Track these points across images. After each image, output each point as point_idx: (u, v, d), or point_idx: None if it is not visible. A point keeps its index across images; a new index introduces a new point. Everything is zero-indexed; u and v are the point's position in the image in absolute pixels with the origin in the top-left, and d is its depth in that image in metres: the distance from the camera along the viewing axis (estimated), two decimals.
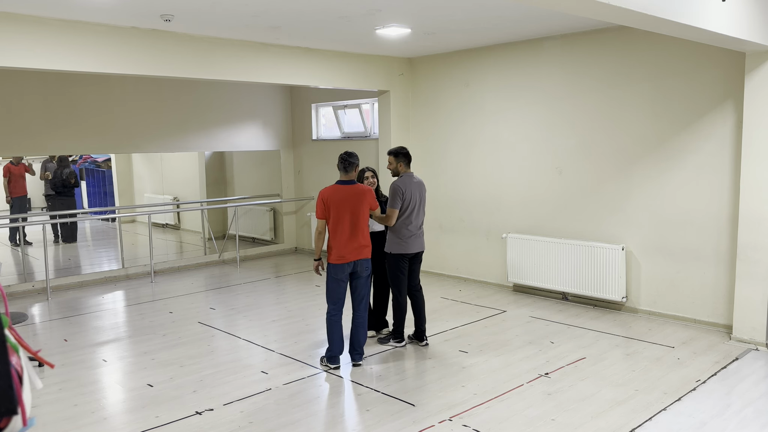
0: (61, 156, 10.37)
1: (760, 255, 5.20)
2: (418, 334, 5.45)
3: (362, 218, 4.85)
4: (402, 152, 5.27)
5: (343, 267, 4.81)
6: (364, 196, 4.86)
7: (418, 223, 5.26)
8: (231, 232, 9.91)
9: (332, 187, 4.85)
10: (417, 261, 5.41)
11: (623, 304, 6.38)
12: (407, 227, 5.20)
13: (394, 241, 5.25)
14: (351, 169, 4.86)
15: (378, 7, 5.20)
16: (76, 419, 4.10)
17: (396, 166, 5.28)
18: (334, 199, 4.78)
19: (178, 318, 6.45)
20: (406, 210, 5.19)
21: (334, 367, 4.90)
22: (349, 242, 4.79)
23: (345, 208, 4.78)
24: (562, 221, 6.82)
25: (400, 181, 5.20)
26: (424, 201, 5.32)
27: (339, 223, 4.78)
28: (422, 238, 5.37)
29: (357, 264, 4.86)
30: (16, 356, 1.12)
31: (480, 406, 4.18)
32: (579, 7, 3.50)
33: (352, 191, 4.83)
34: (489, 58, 7.34)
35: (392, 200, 5.16)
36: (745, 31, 4.45)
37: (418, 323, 5.44)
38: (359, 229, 4.83)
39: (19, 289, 7.56)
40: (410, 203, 5.19)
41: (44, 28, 5.26)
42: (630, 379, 4.60)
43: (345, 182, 4.87)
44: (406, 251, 5.24)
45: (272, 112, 9.95)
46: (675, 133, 5.89)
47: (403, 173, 5.27)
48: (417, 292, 5.44)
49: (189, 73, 6.20)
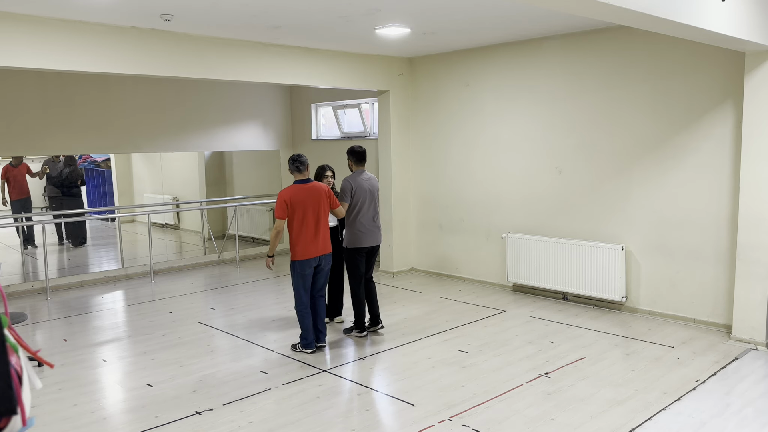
0: (67, 156, 10.22)
1: (759, 255, 5.20)
2: (373, 319, 5.75)
3: (323, 215, 5.17)
4: (352, 150, 5.63)
5: (310, 262, 5.13)
6: (323, 194, 5.18)
7: (369, 218, 5.56)
8: (231, 231, 9.91)
9: (292, 187, 5.11)
10: (372, 254, 5.71)
11: (623, 304, 6.38)
12: (361, 221, 5.52)
13: (350, 236, 5.57)
14: (304, 168, 5.15)
15: (378, 7, 5.20)
16: (75, 419, 4.09)
17: (349, 164, 5.66)
18: (296, 199, 5.05)
19: (177, 318, 6.45)
20: (356, 205, 5.51)
21: (311, 352, 5.26)
22: (314, 239, 5.10)
23: (308, 206, 5.07)
24: (561, 221, 6.82)
25: (350, 178, 5.57)
26: (375, 196, 5.63)
27: (303, 222, 5.06)
28: (378, 233, 5.66)
29: (321, 259, 5.20)
30: (16, 356, 1.12)
31: (480, 406, 4.18)
32: (579, 7, 3.50)
33: (312, 190, 5.13)
34: (489, 58, 7.34)
35: (342, 194, 5.54)
36: (744, 30, 4.45)
37: (371, 309, 5.76)
38: (321, 226, 5.15)
39: (18, 289, 7.56)
40: (360, 199, 5.51)
41: (44, 28, 5.25)
42: (629, 379, 4.60)
43: (303, 181, 5.15)
44: (361, 245, 5.55)
45: (272, 112, 9.95)
46: (675, 133, 5.89)
47: (355, 170, 5.61)
48: (370, 282, 5.78)
49: (189, 73, 6.20)
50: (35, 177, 10.38)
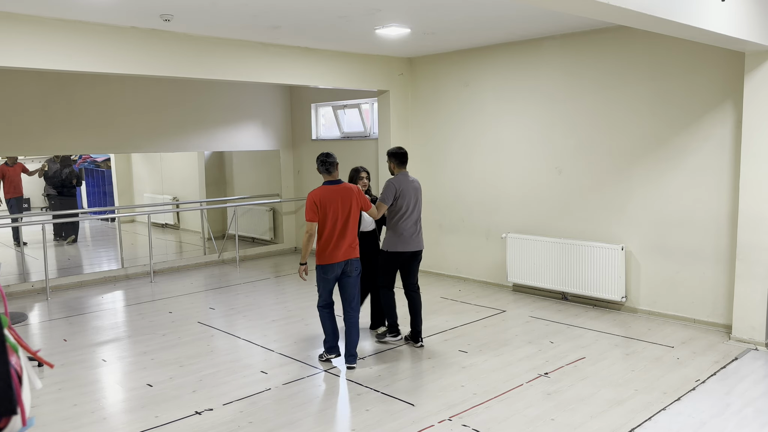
0: (64, 156, 10.34)
1: (759, 255, 5.20)
2: (414, 335, 5.42)
3: (352, 218, 4.86)
4: (394, 152, 5.36)
5: (333, 267, 4.82)
6: (353, 195, 4.87)
7: (413, 221, 5.30)
8: (230, 231, 9.91)
9: (321, 188, 4.83)
10: (415, 260, 5.41)
11: (623, 304, 6.38)
12: (404, 226, 5.24)
13: (391, 240, 5.28)
14: (333, 169, 4.86)
15: (378, 7, 5.20)
16: (75, 419, 4.09)
17: (390, 166, 5.40)
18: (325, 200, 4.77)
19: (177, 318, 6.45)
20: (401, 208, 5.23)
21: (335, 356, 5.00)
22: (339, 242, 4.79)
23: (336, 208, 4.78)
24: (561, 221, 6.82)
25: (394, 179, 5.29)
26: (420, 201, 5.38)
27: (330, 224, 4.78)
28: (420, 237, 5.38)
29: (347, 264, 4.86)
30: (16, 356, 1.12)
31: (479, 406, 4.18)
32: (579, 7, 3.50)
33: (342, 191, 4.83)
34: (489, 58, 7.34)
35: (384, 195, 5.22)
36: (744, 31, 4.45)
37: (414, 324, 5.41)
38: (349, 229, 4.84)
39: (18, 289, 7.56)
40: (405, 202, 5.24)
41: (44, 28, 5.25)
42: (629, 379, 4.60)
43: (332, 182, 4.87)
44: (403, 249, 5.27)
45: (272, 112, 9.95)
46: (674, 133, 5.89)
47: (398, 173, 5.35)
48: (414, 293, 5.43)
49: (188, 73, 6.20)
50: (32, 175, 10.55)
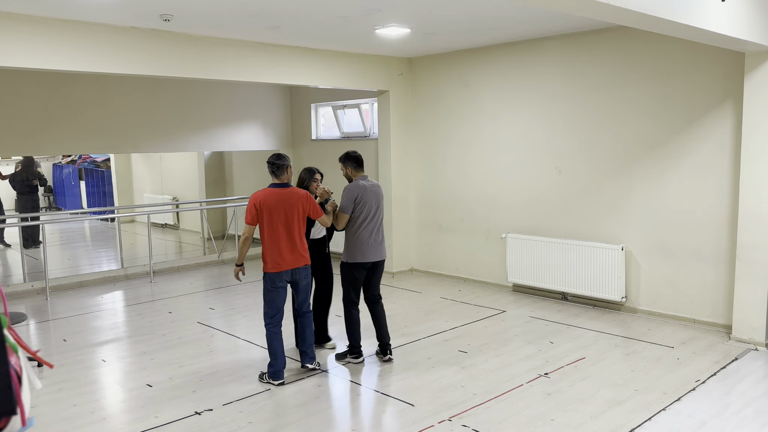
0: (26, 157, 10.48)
1: (759, 255, 5.20)
2: (382, 348, 5.07)
3: (297, 224, 4.59)
4: (348, 156, 4.96)
5: (281, 275, 4.57)
6: (299, 200, 4.58)
7: (374, 229, 4.93)
8: (230, 232, 9.91)
9: (265, 190, 4.56)
10: (377, 271, 5.05)
11: (623, 304, 6.38)
12: (364, 234, 4.88)
13: (352, 250, 4.91)
14: (282, 172, 4.60)
15: (378, 7, 5.20)
16: (75, 419, 4.09)
17: (347, 171, 4.98)
18: (267, 203, 4.50)
19: (177, 318, 6.44)
20: (361, 216, 4.87)
21: (278, 383, 4.57)
22: (286, 249, 4.55)
23: (279, 213, 4.51)
24: (561, 221, 6.82)
25: (352, 185, 4.90)
26: (381, 207, 4.99)
27: (274, 230, 4.51)
28: (382, 246, 5.00)
29: (295, 272, 4.63)
30: (15, 356, 1.12)
31: (479, 406, 4.17)
32: (579, 7, 3.50)
33: (287, 195, 4.56)
34: (489, 58, 7.34)
35: (343, 204, 4.87)
36: (744, 31, 4.45)
37: (380, 336, 5.07)
38: (295, 236, 4.57)
39: (18, 289, 7.56)
40: (366, 209, 4.88)
41: (43, 28, 5.25)
42: (629, 379, 4.60)
43: (279, 185, 4.60)
44: (364, 260, 4.90)
45: (272, 112, 9.95)
46: (674, 133, 5.89)
47: (356, 177, 4.95)
48: (376, 304, 5.08)
49: (188, 73, 6.20)
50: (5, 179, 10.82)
